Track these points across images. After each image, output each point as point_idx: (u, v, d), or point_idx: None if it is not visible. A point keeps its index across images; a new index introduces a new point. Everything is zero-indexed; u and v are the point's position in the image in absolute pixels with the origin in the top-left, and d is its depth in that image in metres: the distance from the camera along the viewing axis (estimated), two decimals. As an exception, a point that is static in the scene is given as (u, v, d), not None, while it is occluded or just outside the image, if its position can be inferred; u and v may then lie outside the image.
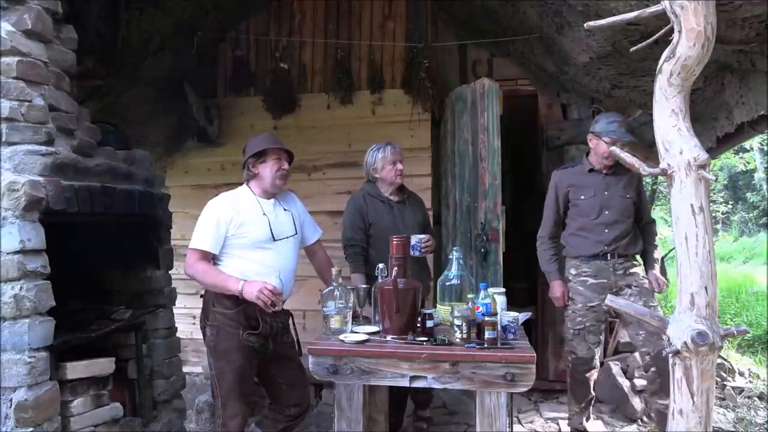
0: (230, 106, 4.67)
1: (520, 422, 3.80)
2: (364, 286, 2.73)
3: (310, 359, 2.22)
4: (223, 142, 4.62)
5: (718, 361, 3.24)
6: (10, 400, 2.12)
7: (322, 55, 4.58)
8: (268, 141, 2.68)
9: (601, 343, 3.31)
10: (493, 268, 3.81)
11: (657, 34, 2.13)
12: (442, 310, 2.53)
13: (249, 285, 2.44)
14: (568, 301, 3.23)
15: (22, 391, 2.13)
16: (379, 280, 2.45)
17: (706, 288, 1.92)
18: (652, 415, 3.71)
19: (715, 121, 3.21)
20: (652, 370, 3.17)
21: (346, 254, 3.07)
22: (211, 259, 2.57)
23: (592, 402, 3.44)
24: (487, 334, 2.16)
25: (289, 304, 2.77)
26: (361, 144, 3.83)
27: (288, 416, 2.72)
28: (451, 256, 2.57)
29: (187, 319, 4.19)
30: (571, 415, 3.42)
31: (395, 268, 2.29)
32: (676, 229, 1.98)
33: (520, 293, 5.19)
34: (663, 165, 2.00)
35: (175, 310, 3.31)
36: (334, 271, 2.49)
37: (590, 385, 3.33)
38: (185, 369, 3.63)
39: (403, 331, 2.29)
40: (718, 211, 17.01)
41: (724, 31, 2.31)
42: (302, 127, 4.52)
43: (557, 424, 3.74)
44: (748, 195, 17.84)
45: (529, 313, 2.86)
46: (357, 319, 2.61)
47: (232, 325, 2.54)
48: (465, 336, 2.20)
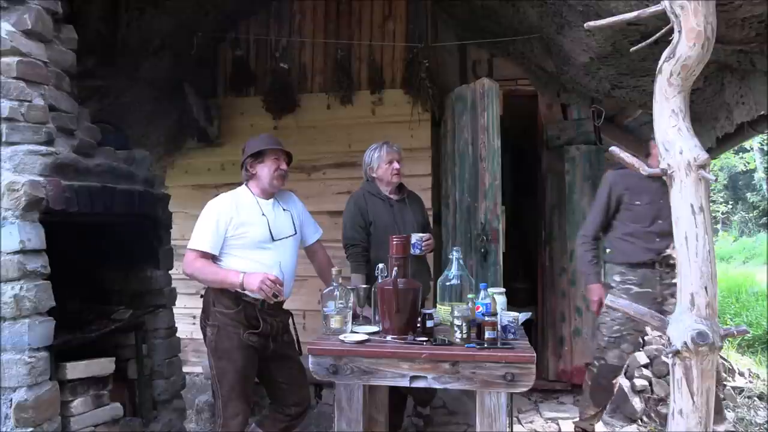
0: (230, 106, 4.67)
1: (520, 422, 3.80)
2: (364, 286, 2.73)
3: (310, 359, 2.22)
4: (223, 142, 4.62)
5: (718, 361, 3.24)
6: (10, 400, 2.12)
7: (322, 55, 4.57)
8: (267, 141, 2.68)
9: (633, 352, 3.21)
10: (493, 268, 3.81)
11: (657, 34, 2.13)
12: (442, 310, 2.53)
13: (250, 276, 2.44)
14: (605, 308, 3.11)
15: (22, 391, 2.13)
16: (379, 280, 2.45)
17: (706, 288, 1.92)
18: (652, 414, 3.72)
19: (715, 121, 3.21)
20: (592, 369, 3.18)
21: (347, 254, 3.07)
22: (209, 259, 2.56)
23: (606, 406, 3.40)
24: (487, 334, 2.16)
25: (289, 304, 2.77)
26: (361, 144, 3.82)
27: (288, 416, 2.72)
28: (451, 256, 2.57)
29: (187, 319, 4.18)
30: (584, 417, 3.36)
31: (395, 268, 2.29)
32: (676, 229, 1.98)
33: (520, 293, 5.21)
34: (663, 165, 2.00)
35: (175, 310, 3.31)
36: (334, 271, 2.49)
37: (613, 391, 3.28)
38: (185, 369, 3.63)
39: (403, 331, 2.29)
40: (718, 211, 17.02)
41: (724, 31, 2.31)
42: (302, 127, 4.52)
43: (557, 424, 3.74)
44: (748, 195, 17.85)
45: (529, 313, 2.86)
46: (357, 319, 2.61)
47: (233, 325, 2.54)
48: (465, 336, 2.20)
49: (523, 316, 2.57)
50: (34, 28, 2.28)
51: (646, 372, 4.10)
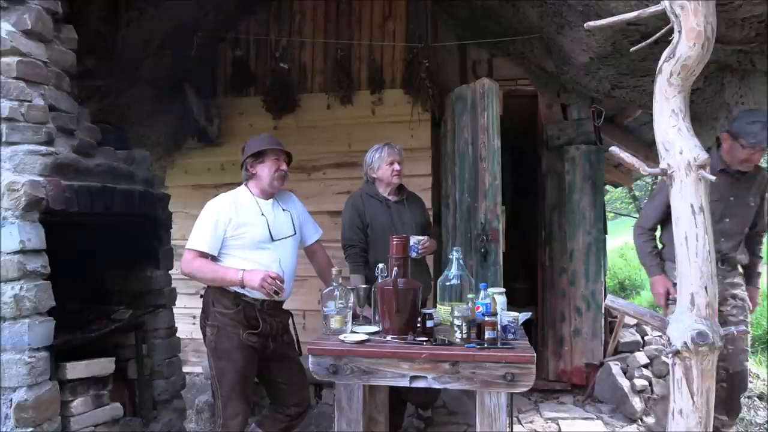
0: (230, 106, 4.67)
1: (520, 422, 3.80)
2: (364, 286, 2.73)
3: (310, 359, 2.22)
4: (223, 142, 4.62)
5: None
6: (10, 400, 2.12)
7: (322, 55, 4.58)
8: (267, 141, 2.68)
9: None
10: (493, 268, 3.81)
11: (657, 34, 2.13)
12: (442, 310, 2.53)
13: (250, 273, 2.43)
14: (670, 301, 2.91)
15: (22, 391, 2.13)
16: (379, 280, 2.45)
17: (706, 288, 1.92)
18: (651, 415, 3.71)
19: (715, 121, 3.21)
20: (722, 385, 2.89)
21: (346, 255, 3.06)
22: (208, 259, 2.56)
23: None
24: (487, 334, 2.15)
25: (289, 304, 2.77)
26: (361, 144, 3.83)
27: (288, 416, 2.72)
28: (451, 256, 2.57)
29: (187, 319, 4.19)
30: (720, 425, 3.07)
31: (395, 268, 2.29)
32: (676, 229, 1.98)
33: (520, 293, 5.21)
34: (663, 165, 2.00)
35: (175, 310, 3.31)
36: (334, 271, 2.48)
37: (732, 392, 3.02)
38: (185, 369, 3.63)
39: (403, 331, 2.28)
40: (718, 211, 16.99)
41: (724, 31, 2.31)
42: (302, 127, 4.52)
43: (557, 424, 3.74)
44: (748, 195, 17.81)
45: (529, 313, 2.85)
46: (357, 319, 2.61)
47: (232, 325, 2.54)
48: (465, 336, 2.20)
49: (523, 316, 2.57)
50: (34, 28, 2.28)
51: (646, 372, 4.11)
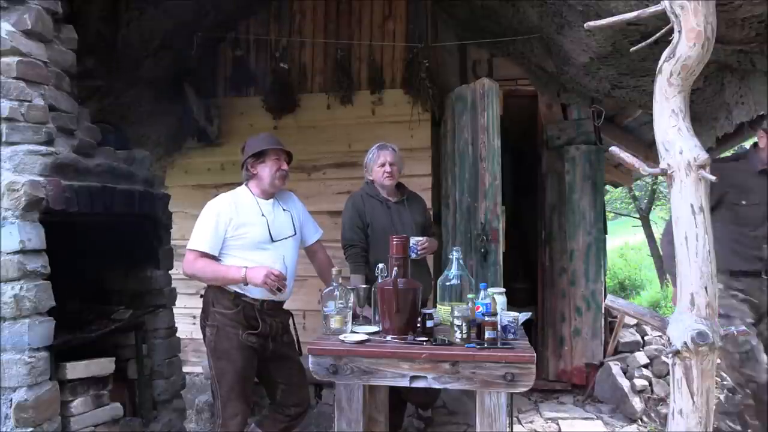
0: (230, 106, 4.67)
1: (520, 422, 3.80)
2: (364, 286, 2.73)
3: (310, 359, 2.22)
4: (223, 142, 4.61)
5: (718, 361, 3.20)
6: (10, 400, 2.12)
7: (322, 55, 4.57)
8: (267, 141, 2.68)
9: None
10: (493, 268, 3.81)
11: (657, 34, 2.13)
12: (442, 310, 2.53)
13: (252, 271, 2.43)
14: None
15: (22, 391, 2.13)
16: (379, 280, 2.45)
17: (706, 288, 1.92)
18: (652, 414, 3.72)
19: (715, 121, 3.20)
20: (747, 391, 2.80)
21: (347, 255, 3.06)
22: (209, 259, 2.56)
23: None
24: (487, 334, 2.16)
25: (289, 304, 2.77)
26: (361, 144, 3.83)
27: (288, 416, 2.72)
28: (451, 256, 2.57)
29: (187, 319, 4.18)
30: None
31: (395, 268, 2.29)
32: (676, 229, 1.98)
33: (520, 293, 5.21)
34: (663, 165, 2.00)
35: (175, 310, 3.31)
36: (334, 271, 2.48)
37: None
38: (185, 369, 3.63)
39: (403, 331, 2.29)
40: (718, 211, 16.98)
41: (724, 31, 2.31)
42: (302, 127, 4.52)
43: (557, 424, 3.74)
44: (748, 195, 17.81)
45: (529, 313, 2.85)
46: (357, 319, 2.61)
47: (232, 325, 2.54)
48: (465, 336, 2.20)
49: (523, 316, 2.57)
50: (34, 28, 2.28)
51: (646, 372, 4.11)
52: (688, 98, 2.03)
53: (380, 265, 2.51)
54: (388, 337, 2.29)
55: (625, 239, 15.09)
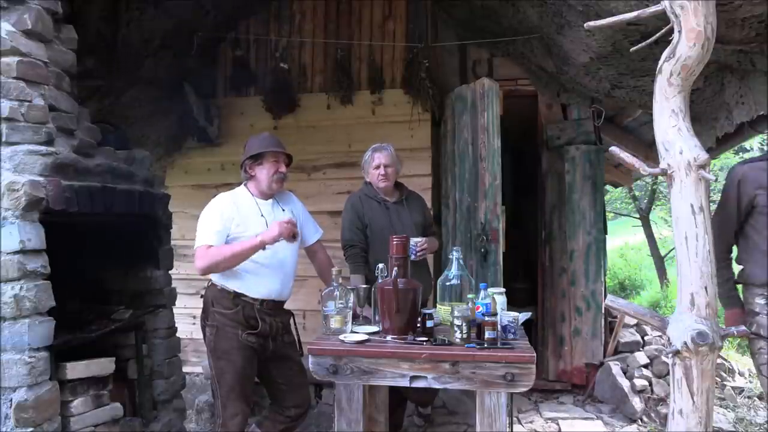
0: (230, 106, 4.67)
1: (520, 422, 3.80)
2: (364, 286, 2.73)
3: (310, 359, 2.22)
4: (223, 142, 4.62)
5: (718, 361, 3.19)
6: (10, 400, 2.12)
7: (322, 55, 4.57)
8: (266, 143, 2.68)
9: None
10: (493, 268, 3.81)
11: (657, 34, 2.13)
12: (442, 310, 2.53)
13: (266, 233, 2.47)
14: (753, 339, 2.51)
15: (22, 391, 2.13)
16: (379, 280, 2.45)
17: (706, 288, 1.92)
18: (652, 414, 3.72)
19: (715, 121, 3.21)
20: None
21: (346, 255, 3.06)
22: None
23: None
24: (487, 334, 2.16)
25: (289, 304, 2.77)
26: (361, 144, 3.82)
27: (288, 417, 2.72)
28: (451, 256, 2.57)
29: (187, 319, 4.18)
30: None
31: (395, 268, 2.29)
32: (676, 229, 1.98)
33: (520, 293, 5.21)
34: (663, 165, 2.00)
35: (175, 310, 3.31)
36: (334, 271, 2.48)
37: None
38: (185, 369, 3.63)
39: (403, 331, 2.29)
40: (718, 211, 16.97)
41: (724, 31, 2.31)
42: (302, 127, 4.52)
43: (557, 424, 3.74)
44: (748, 195, 17.79)
45: (529, 313, 2.85)
46: (357, 319, 2.61)
47: (232, 325, 2.54)
48: (465, 336, 2.20)
49: (523, 316, 2.57)
50: (34, 28, 2.28)
51: (646, 372, 4.11)
52: (688, 98, 2.03)
53: (380, 265, 2.51)
54: (388, 337, 2.29)
55: (625, 239, 15.08)
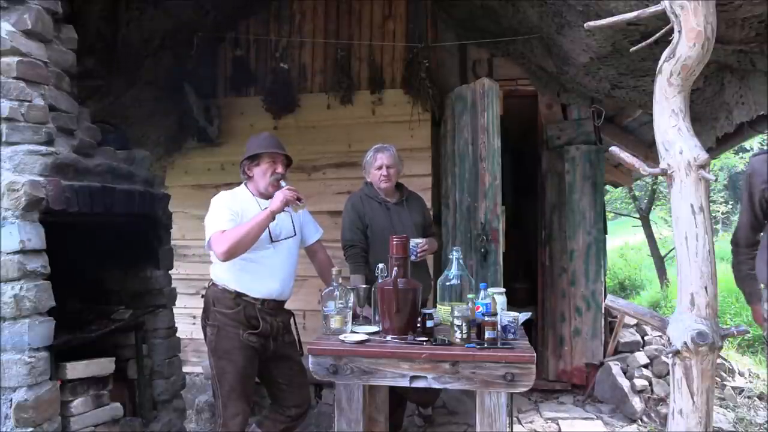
0: (230, 106, 4.67)
1: (520, 422, 3.80)
2: (364, 286, 2.73)
3: (310, 359, 2.22)
4: (223, 142, 4.62)
5: (718, 361, 3.19)
6: (10, 400, 2.12)
7: (322, 55, 4.58)
8: (264, 144, 2.68)
9: None
10: (493, 268, 3.81)
11: (657, 34, 2.13)
12: (442, 310, 2.53)
13: (273, 203, 2.48)
14: None
15: (22, 391, 2.13)
16: (379, 280, 2.45)
17: (706, 288, 1.92)
18: (652, 414, 3.72)
19: (715, 121, 3.21)
20: None
21: (346, 255, 3.06)
22: None
23: None
24: (487, 334, 2.16)
25: (289, 304, 2.77)
26: (361, 144, 3.83)
27: (288, 416, 2.73)
28: (451, 256, 2.57)
29: (187, 319, 4.18)
30: None
31: (395, 268, 2.29)
32: (676, 229, 1.98)
33: (520, 293, 5.21)
34: (663, 165, 2.00)
35: (175, 310, 3.31)
36: (334, 271, 2.48)
37: None
38: (185, 369, 3.63)
39: (403, 331, 2.29)
40: (718, 211, 16.98)
41: (724, 31, 2.31)
42: (302, 127, 4.52)
43: (557, 424, 3.74)
44: (748, 195, 17.80)
45: (529, 313, 2.86)
46: (357, 319, 2.61)
47: (233, 325, 2.54)
48: (465, 336, 2.20)
49: (523, 316, 2.57)
50: (34, 28, 2.28)
51: (646, 372, 4.11)
52: (688, 98, 2.03)
53: (380, 265, 2.51)
54: (388, 337, 2.29)
55: (625, 239, 15.08)
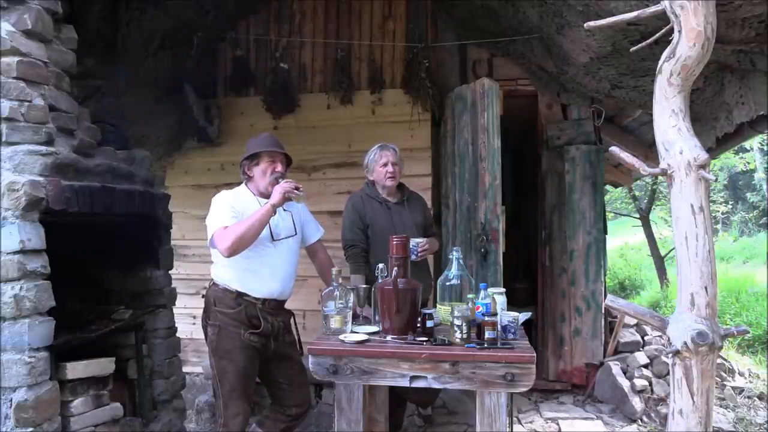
0: (230, 106, 4.67)
1: (520, 422, 3.80)
2: (364, 286, 2.73)
3: (310, 359, 2.22)
4: (223, 142, 4.62)
5: (718, 361, 3.19)
6: (10, 400, 2.12)
7: (322, 55, 4.58)
8: (263, 143, 2.68)
9: None
10: (493, 268, 3.81)
11: (657, 34, 2.13)
12: (442, 310, 2.53)
13: (273, 197, 2.49)
14: None
15: (22, 391, 2.13)
16: (379, 280, 2.45)
17: (706, 288, 1.92)
18: (652, 414, 3.72)
19: (715, 121, 3.21)
20: None
21: (347, 255, 3.06)
22: None
23: None
24: (487, 334, 2.16)
25: (289, 304, 2.77)
26: (361, 144, 3.83)
27: (289, 416, 2.73)
28: (451, 256, 2.57)
29: (187, 319, 4.18)
30: None
31: (395, 268, 2.29)
32: (676, 229, 1.98)
33: (520, 293, 5.21)
34: (663, 165, 2.00)
35: (175, 310, 3.31)
36: (334, 271, 2.48)
37: None
38: (185, 369, 3.63)
39: (403, 331, 2.29)
40: (718, 211, 17.00)
41: (724, 31, 2.31)
42: (302, 127, 4.52)
43: (557, 424, 3.74)
44: (748, 195, 17.84)
45: (529, 313, 2.85)
46: (357, 319, 2.61)
47: (234, 325, 2.54)
48: (465, 336, 2.20)
49: (523, 316, 2.57)
50: (34, 28, 2.28)
51: (646, 372, 4.11)
52: (688, 98, 2.03)
53: (380, 265, 2.51)
54: (388, 337, 2.29)
55: (625, 239, 15.09)
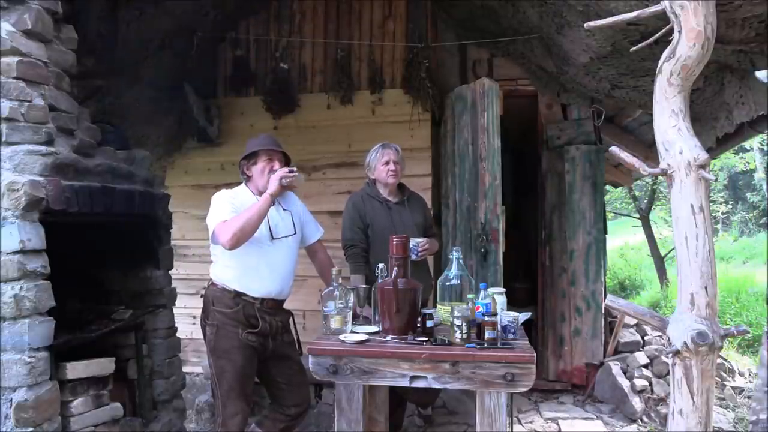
0: (230, 106, 4.67)
1: (520, 422, 3.80)
2: (364, 286, 2.73)
3: (310, 359, 2.22)
4: (223, 142, 4.62)
5: (718, 361, 3.20)
6: (10, 400, 2.12)
7: (322, 55, 4.58)
8: (262, 142, 2.69)
9: None
10: (493, 268, 3.81)
11: (657, 34, 2.13)
12: (442, 310, 2.53)
13: (270, 187, 2.51)
14: None
15: (22, 391, 2.13)
16: (379, 280, 2.45)
17: (706, 288, 1.92)
18: (652, 414, 3.72)
19: (715, 121, 3.21)
20: None
21: (347, 255, 3.06)
22: None
23: None
24: (487, 334, 2.16)
25: (289, 304, 2.77)
26: (361, 144, 3.83)
27: (288, 416, 2.73)
28: (451, 256, 2.57)
29: (187, 319, 4.19)
30: None
31: (395, 268, 2.29)
32: (676, 229, 1.98)
33: (520, 293, 5.21)
34: (663, 165, 2.00)
35: (175, 310, 3.31)
36: (334, 271, 2.48)
37: None
38: (185, 369, 3.63)
39: (403, 331, 2.29)
40: (718, 211, 17.00)
41: (724, 31, 2.32)
42: (302, 127, 4.52)
43: (557, 424, 3.75)
44: (748, 195, 17.84)
45: (529, 313, 2.85)
46: (357, 319, 2.61)
47: (232, 324, 2.55)
48: (465, 336, 2.20)
49: (523, 316, 2.57)
50: (34, 28, 2.28)
51: (646, 372, 4.11)
52: (688, 98, 2.03)
53: (380, 265, 2.51)
54: (388, 337, 2.29)
55: (625, 239, 15.09)
